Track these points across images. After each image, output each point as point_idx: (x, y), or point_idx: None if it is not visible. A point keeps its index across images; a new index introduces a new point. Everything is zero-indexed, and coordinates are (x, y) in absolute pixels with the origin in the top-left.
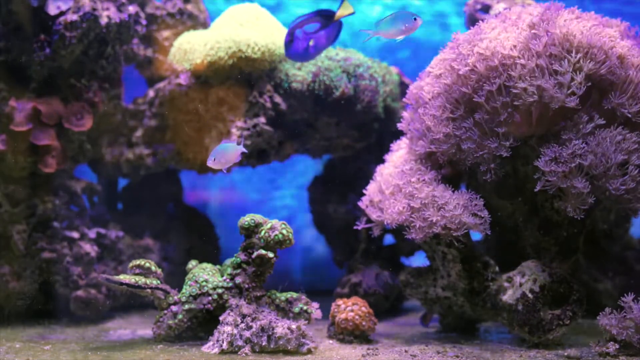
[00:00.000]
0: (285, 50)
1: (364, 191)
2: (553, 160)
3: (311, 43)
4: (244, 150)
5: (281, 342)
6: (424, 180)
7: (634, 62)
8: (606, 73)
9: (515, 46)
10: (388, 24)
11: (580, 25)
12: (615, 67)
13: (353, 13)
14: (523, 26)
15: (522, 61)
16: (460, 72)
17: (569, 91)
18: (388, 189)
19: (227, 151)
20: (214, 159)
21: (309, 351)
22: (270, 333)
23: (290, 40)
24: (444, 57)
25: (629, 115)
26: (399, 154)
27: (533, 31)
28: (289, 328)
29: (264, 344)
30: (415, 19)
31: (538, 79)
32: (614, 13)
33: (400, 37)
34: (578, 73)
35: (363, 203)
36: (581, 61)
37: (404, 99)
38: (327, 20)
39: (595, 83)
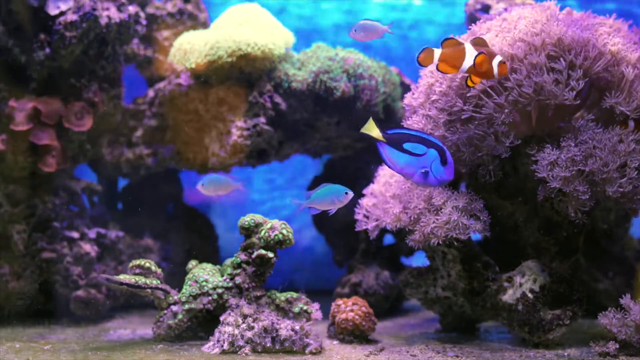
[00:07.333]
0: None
1: (364, 192)
2: (552, 164)
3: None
4: (241, 188)
5: (287, 344)
6: None
7: (629, 59)
8: (602, 71)
9: (511, 46)
10: (320, 197)
11: (576, 24)
12: (610, 65)
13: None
14: (519, 26)
15: (519, 61)
16: (456, 79)
17: (568, 88)
18: (387, 192)
19: (219, 184)
20: (202, 185)
21: (314, 352)
22: (274, 335)
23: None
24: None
25: (628, 113)
26: None
27: (530, 30)
28: (292, 329)
29: (268, 345)
30: (346, 192)
31: (537, 76)
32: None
33: (331, 208)
34: (574, 70)
35: (362, 205)
36: (577, 58)
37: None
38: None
39: (593, 82)
